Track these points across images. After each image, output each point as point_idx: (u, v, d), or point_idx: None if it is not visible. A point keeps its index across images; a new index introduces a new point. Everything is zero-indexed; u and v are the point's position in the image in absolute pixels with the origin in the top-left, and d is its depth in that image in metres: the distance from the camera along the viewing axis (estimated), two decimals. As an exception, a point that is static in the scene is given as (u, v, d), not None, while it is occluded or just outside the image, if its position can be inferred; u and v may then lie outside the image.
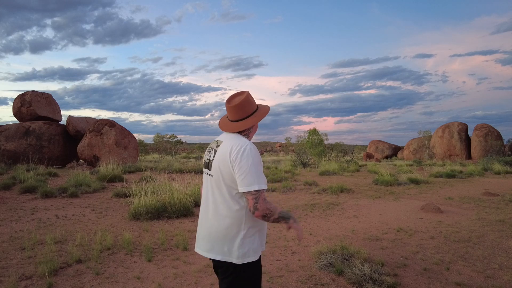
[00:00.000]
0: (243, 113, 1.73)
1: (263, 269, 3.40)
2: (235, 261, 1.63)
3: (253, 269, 1.66)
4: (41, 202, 6.92)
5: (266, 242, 4.35)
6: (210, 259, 1.75)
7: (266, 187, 1.61)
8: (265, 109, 1.82)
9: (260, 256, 1.71)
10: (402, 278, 3.16)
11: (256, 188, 1.55)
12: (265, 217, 1.57)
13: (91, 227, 5.03)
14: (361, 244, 4.22)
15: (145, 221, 5.44)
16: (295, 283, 3.08)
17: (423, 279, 3.15)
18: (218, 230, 1.66)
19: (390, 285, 2.90)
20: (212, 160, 1.73)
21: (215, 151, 1.73)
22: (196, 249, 1.79)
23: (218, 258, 1.67)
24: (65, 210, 6.21)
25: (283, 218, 1.62)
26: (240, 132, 1.75)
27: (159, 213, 5.68)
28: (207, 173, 1.77)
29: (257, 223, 1.69)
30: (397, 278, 3.16)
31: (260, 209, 1.55)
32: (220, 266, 1.72)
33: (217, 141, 1.78)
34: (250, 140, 1.79)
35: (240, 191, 1.59)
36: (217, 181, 1.68)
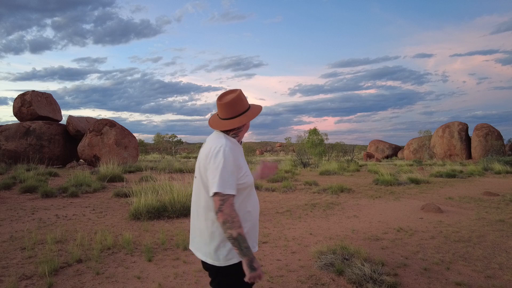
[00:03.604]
0: (233, 111, 1.66)
1: (263, 269, 3.40)
2: (217, 263, 1.59)
3: (237, 272, 1.57)
4: (42, 202, 6.92)
5: (266, 242, 4.35)
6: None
7: (232, 193, 1.51)
8: (256, 109, 1.73)
9: None
10: (402, 278, 3.16)
11: (215, 191, 1.48)
12: (224, 223, 1.46)
13: (91, 227, 5.03)
14: (361, 244, 4.22)
15: (145, 221, 5.44)
16: (295, 283, 3.08)
17: (423, 279, 3.15)
18: (201, 232, 1.65)
19: (390, 285, 2.90)
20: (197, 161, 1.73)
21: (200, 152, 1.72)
22: (190, 246, 1.79)
23: (203, 259, 1.65)
24: (65, 210, 6.22)
25: (240, 246, 1.45)
26: (228, 131, 1.69)
27: (159, 212, 5.68)
28: (194, 174, 1.77)
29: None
30: (397, 278, 3.16)
31: (225, 213, 1.46)
32: (206, 268, 1.70)
33: (206, 141, 1.76)
34: (240, 139, 1.74)
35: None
36: (199, 182, 1.66)
